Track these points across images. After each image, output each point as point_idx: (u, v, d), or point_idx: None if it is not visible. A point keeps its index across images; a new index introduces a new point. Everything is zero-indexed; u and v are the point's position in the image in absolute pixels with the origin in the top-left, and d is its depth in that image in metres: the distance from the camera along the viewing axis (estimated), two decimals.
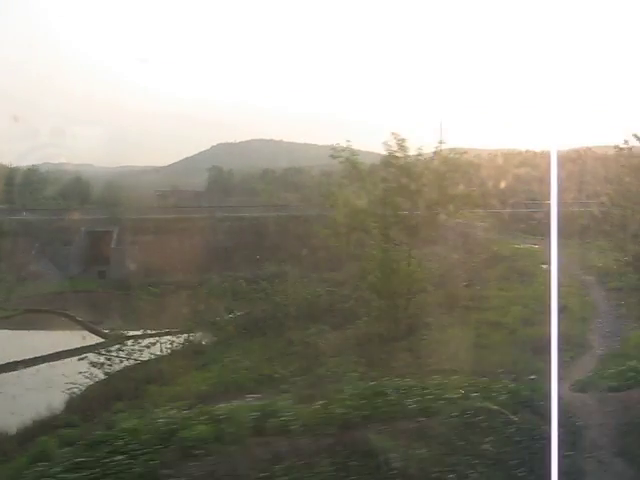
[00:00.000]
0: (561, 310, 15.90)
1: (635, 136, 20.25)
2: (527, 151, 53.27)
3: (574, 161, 30.84)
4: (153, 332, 20.32)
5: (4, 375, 17.81)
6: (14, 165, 47.32)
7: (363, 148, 19.33)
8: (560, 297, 17.24)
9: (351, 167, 18.40)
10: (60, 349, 19.86)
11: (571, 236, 22.32)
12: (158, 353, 18.35)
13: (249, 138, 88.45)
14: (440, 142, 18.44)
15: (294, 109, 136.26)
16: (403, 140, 17.38)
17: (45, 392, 15.69)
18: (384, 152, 18.20)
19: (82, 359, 17.63)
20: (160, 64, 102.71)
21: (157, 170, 77.52)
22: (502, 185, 33.46)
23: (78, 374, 16.08)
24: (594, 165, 30.59)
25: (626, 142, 20.86)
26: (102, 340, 20.88)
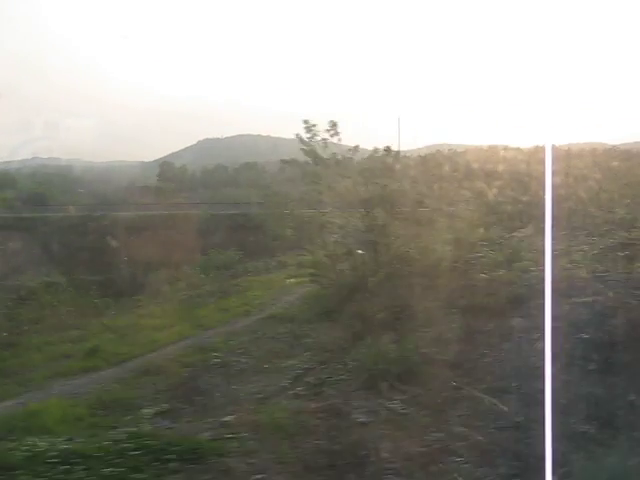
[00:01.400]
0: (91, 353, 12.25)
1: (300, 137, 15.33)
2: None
3: None
4: None
5: None
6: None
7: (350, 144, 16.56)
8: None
9: None
10: None
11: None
12: None
13: (235, 133, 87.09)
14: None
15: (282, 105, 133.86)
16: None
17: None
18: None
19: None
20: (151, 61, 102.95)
21: (142, 165, 77.28)
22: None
23: None
24: None
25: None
26: None
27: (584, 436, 5.39)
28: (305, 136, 14.94)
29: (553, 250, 5.44)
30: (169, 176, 58.62)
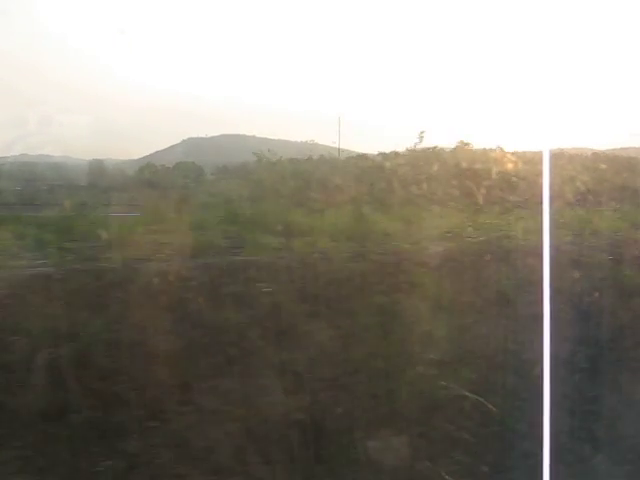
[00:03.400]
0: None
1: None
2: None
3: None
4: None
5: None
6: None
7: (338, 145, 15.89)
8: None
9: None
10: None
11: None
12: None
13: (220, 133, 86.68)
14: None
15: (273, 105, 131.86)
16: None
17: None
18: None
19: None
20: (145, 57, 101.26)
21: (126, 163, 76.58)
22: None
23: None
24: None
25: None
26: None
27: None
28: None
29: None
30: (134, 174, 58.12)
